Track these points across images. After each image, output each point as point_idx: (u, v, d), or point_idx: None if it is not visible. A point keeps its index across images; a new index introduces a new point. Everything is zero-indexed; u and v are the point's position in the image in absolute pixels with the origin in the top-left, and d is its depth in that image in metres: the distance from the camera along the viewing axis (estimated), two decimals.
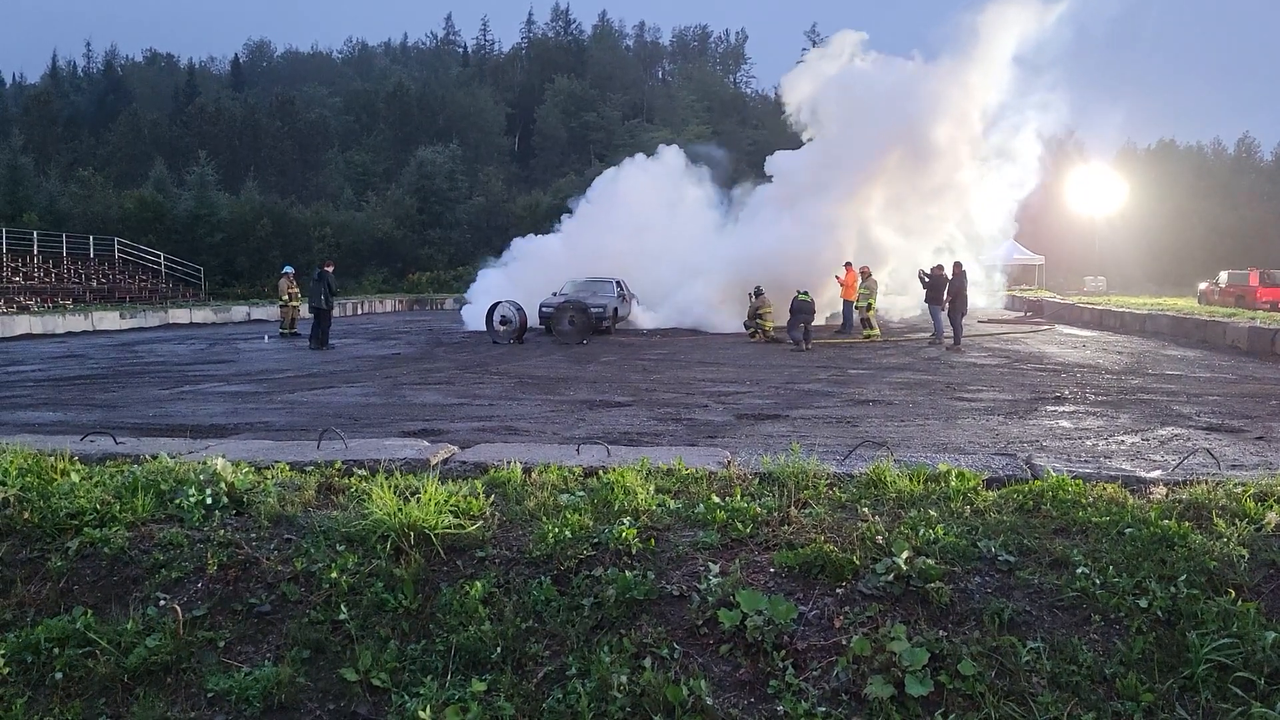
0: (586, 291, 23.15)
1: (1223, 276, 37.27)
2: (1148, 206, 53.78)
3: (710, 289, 24.51)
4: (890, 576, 3.40)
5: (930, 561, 3.45)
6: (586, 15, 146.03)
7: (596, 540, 3.72)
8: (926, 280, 19.74)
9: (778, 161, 28.82)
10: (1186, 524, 3.70)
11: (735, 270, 23.67)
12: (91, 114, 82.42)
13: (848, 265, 22.29)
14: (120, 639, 3.34)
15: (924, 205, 26.59)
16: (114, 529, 3.87)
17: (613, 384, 12.26)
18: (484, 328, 20.38)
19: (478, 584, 3.51)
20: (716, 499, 4.12)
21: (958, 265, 19.12)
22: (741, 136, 70.53)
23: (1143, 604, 3.26)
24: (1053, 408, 9.85)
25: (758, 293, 20.46)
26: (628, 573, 3.50)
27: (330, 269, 19.82)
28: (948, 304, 18.60)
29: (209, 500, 4.12)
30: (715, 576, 3.48)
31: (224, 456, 4.68)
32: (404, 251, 50.34)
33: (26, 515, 3.96)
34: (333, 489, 4.47)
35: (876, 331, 20.98)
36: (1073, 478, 4.34)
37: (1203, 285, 38.43)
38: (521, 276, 25.60)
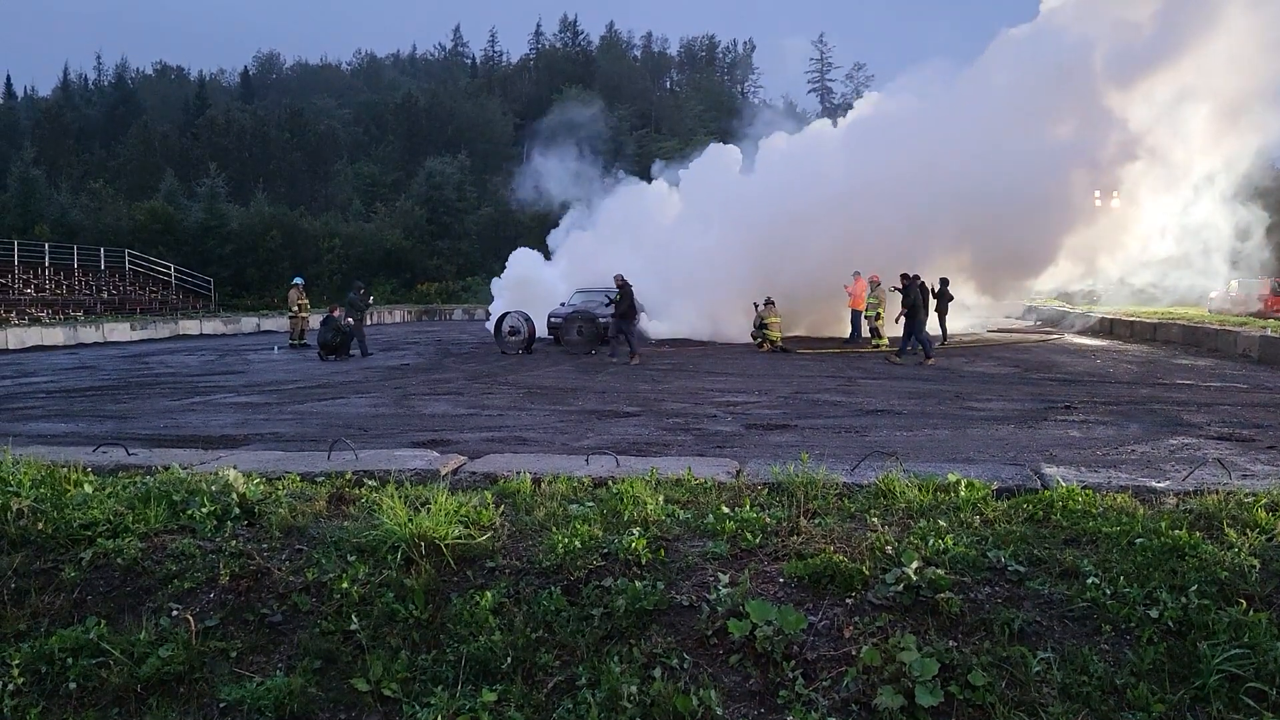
0: (594, 302, 23.16)
1: (1233, 285, 37.02)
2: None
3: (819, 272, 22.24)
4: (900, 586, 3.40)
5: (940, 571, 3.45)
6: (594, 26, 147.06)
7: (606, 550, 3.73)
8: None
9: (1004, 47, 24.56)
10: (1197, 534, 3.70)
11: (953, 213, 21.24)
12: (102, 126, 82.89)
13: (856, 274, 22.26)
14: (133, 649, 3.37)
15: None
16: (127, 540, 3.90)
17: (621, 394, 12.27)
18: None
19: (488, 594, 3.52)
20: (726, 509, 4.13)
21: (915, 278, 18.82)
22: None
23: (1154, 614, 3.25)
24: (1062, 417, 9.82)
25: (767, 302, 20.45)
26: (637, 583, 3.51)
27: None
28: (904, 313, 18.24)
29: (221, 511, 4.15)
30: (725, 587, 3.49)
31: (235, 467, 4.71)
32: (413, 262, 50.45)
33: (40, 526, 3.99)
34: (343, 499, 4.50)
35: (884, 340, 20.94)
36: (1083, 487, 4.34)
37: (1213, 294, 38.20)
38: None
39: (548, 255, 30.50)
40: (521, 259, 29.94)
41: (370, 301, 20.48)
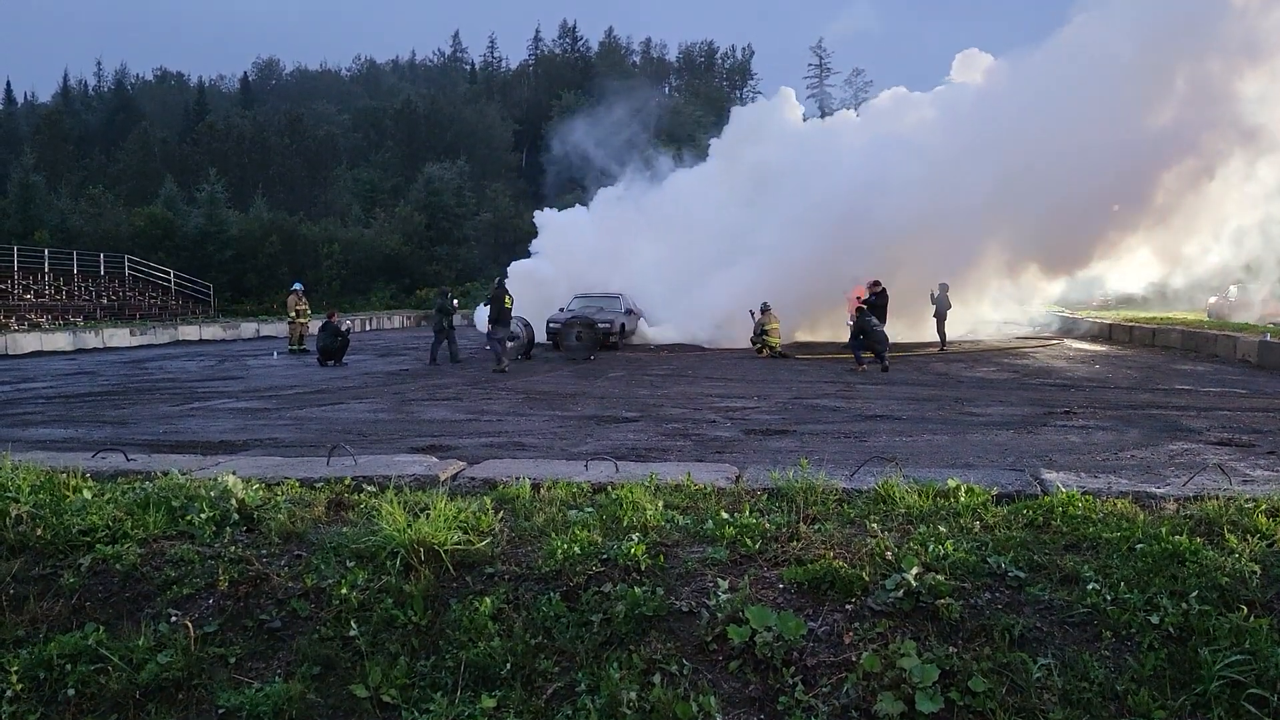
0: (593, 307, 23.19)
1: (1232, 290, 36.99)
2: None
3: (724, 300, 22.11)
4: (900, 592, 3.39)
5: (940, 577, 3.44)
6: (594, 32, 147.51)
7: (605, 556, 3.73)
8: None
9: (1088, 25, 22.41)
10: (1198, 539, 3.69)
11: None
12: (102, 132, 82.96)
13: (856, 282, 22.24)
14: (132, 655, 3.36)
15: None
16: (126, 546, 3.89)
17: (620, 399, 12.27)
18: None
19: (487, 600, 3.51)
20: (725, 515, 4.12)
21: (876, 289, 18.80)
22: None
23: (1154, 620, 3.25)
24: (1062, 422, 9.82)
25: (764, 308, 20.46)
26: (637, 589, 3.50)
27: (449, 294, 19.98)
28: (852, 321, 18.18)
29: (220, 517, 4.15)
30: (724, 592, 3.48)
31: (234, 473, 4.70)
32: (412, 268, 50.47)
33: (39, 532, 3.98)
34: (342, 505, 4.49)
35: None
36: (1082, 493, 4.33)
37: (1212, 299, 38.18)
38: None
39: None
40: (555, 223, 28.98)
41: (455, 305, 20.15)
